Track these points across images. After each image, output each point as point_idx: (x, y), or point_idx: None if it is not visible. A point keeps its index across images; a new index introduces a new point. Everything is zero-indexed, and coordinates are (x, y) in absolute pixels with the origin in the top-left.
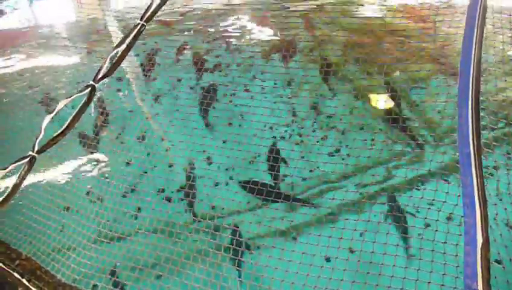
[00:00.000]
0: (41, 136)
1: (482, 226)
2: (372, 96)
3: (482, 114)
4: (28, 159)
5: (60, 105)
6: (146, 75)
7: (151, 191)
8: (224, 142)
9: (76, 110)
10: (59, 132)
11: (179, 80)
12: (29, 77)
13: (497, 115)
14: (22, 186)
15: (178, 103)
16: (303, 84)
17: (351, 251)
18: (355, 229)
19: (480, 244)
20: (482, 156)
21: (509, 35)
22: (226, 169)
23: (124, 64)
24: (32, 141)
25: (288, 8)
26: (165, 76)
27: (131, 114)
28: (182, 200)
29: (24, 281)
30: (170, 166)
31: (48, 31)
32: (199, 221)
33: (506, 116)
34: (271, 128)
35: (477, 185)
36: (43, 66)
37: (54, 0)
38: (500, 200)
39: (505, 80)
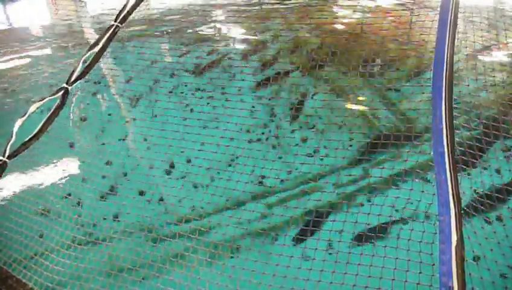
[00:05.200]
0: (12, 141)
1: (456, 225)
2: (350, 96)
3: (455, 113)
4: None
5: (32, 108)
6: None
7: (129, 194)
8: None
9: (49, 113)
10: (31, 135)
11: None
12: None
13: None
14: None
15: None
16: (282, 85)
17: (329, 252)
18: (331, 230)
19: (455, 243)
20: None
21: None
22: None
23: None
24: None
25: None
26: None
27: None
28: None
29: None
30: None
31: (23, 32)
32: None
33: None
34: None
35: (452, 183)
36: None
37: (28, 2)
38: (475, 197)
39: (476, 80)
